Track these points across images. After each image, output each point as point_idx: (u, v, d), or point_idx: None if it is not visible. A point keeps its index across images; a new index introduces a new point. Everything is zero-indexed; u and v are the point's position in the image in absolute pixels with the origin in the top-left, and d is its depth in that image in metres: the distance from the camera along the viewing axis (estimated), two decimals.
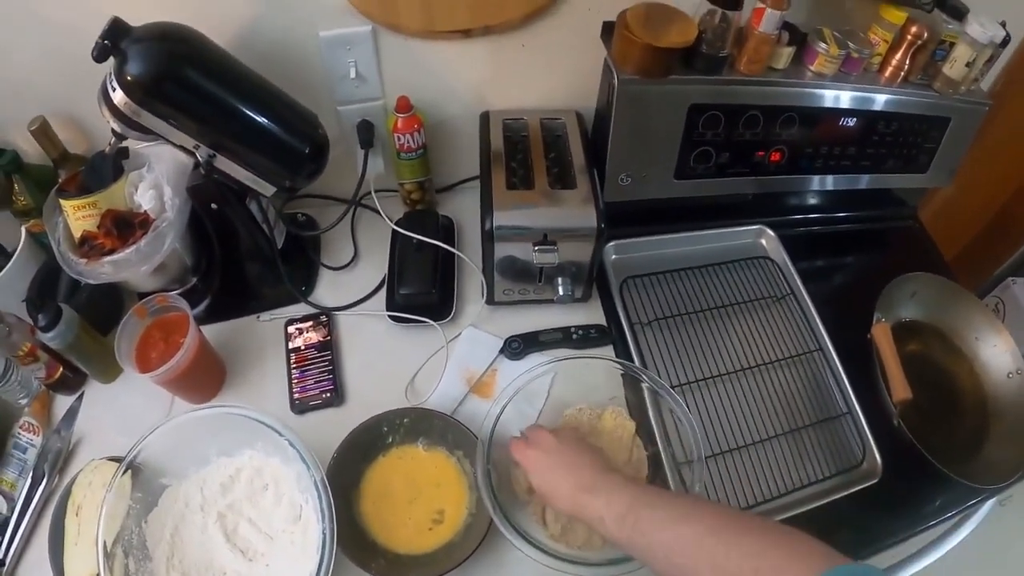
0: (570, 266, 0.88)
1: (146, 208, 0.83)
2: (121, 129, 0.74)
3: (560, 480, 0.68)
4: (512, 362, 0.91)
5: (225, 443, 0.77)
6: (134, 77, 0.69)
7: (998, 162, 1.26)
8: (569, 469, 0.69)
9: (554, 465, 0.70)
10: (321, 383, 0.88)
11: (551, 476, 0.69)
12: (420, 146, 0.94)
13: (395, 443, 0.81)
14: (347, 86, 0.92)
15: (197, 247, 0.92)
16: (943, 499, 0.90)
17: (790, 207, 1.11)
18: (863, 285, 0.99)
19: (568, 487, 0.67)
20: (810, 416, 0.90)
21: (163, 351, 0.80)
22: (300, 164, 0.82)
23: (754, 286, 1.01)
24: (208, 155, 0.78)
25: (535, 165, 0.88)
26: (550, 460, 0.70)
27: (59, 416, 0.86)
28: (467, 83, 0.96)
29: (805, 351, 0.95)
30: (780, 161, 0.98)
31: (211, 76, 0.74)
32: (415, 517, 0.77)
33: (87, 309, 0.85)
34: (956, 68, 0.93)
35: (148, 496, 0.74)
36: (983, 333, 1.00)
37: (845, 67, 0.92)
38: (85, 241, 0.81)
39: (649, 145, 0.92)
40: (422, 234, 0.93)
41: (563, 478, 0.68)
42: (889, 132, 0.99)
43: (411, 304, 0.92)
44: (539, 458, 0.71)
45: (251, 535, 0.74)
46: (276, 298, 0.95)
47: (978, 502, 0.95)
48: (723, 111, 0.90)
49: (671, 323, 0.95)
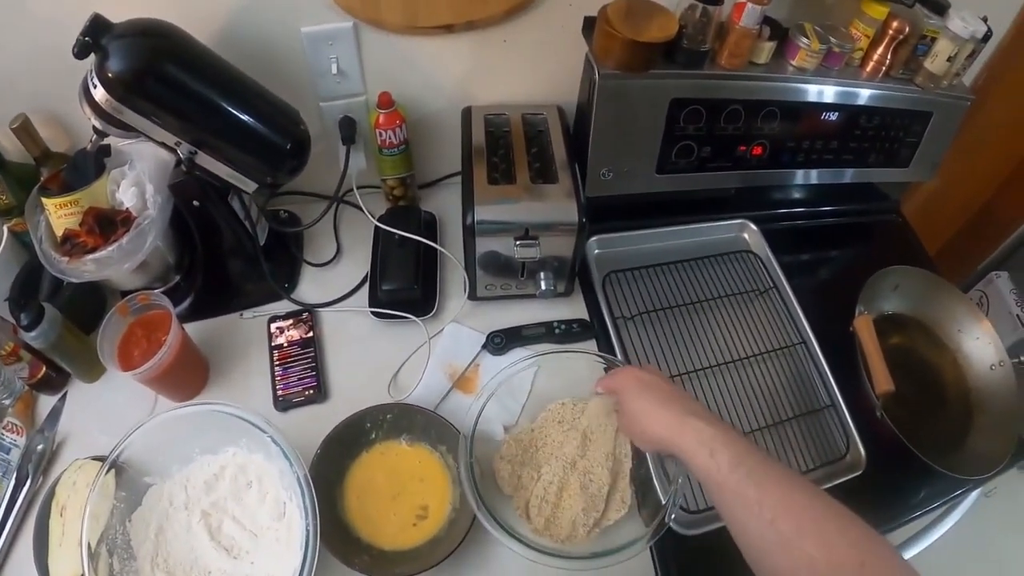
0: (552, 261, 0.89)
1: (128, 206, 0.83)
2: (102, 126, 0.74)
3: (663, 403, 0.64)
4: (495, 357, 0.91)
5: (208, 441, 0.76)
6: (115, 73, 0.68)
7: (981, 156, 1.27)
8: (672, 395, 0.65)
9: (656, 388, 0.66)
10: (304, 380, 0.87)
11: (652, 395, 0.65)
12: (402, 142, 0.94)
13: (378, 439, 0.80)
14: (329, 82, 0.92)
15: (180, 245, 0.92)
16: (927, 490, 0.90)
17: (773, 201, 1.12)
18: (846, 278, 1.00)
19: (674, 410, 0.62)
20: (793, 409, 0.90)
21: (146, 349, 0.80)
22: (281, 160, 0.82)
23: (737, 280, 1.02)
24: (189, 152, 0.77)
25: (517, 160, 0.88)
26: (652, 381, 0.67)
27: (43, 416, 0.85)
28: (449, 78, 0.96)
29: (788, 344, 0.96)
30: (762, 155, 0.98)
31: (192, 72, 0.74)
32: (399, 512, 0.77)
33: (70, 308, 0.84)
34: (938, 63, 0.93)
35: (132, 495, 0.73)
36: (966, 325, 1.01)
37: (826, 62, 0.92)
38: (67, 239, 0.81)
39: (630, 140, 0.92)
40: (404, 230, 0.93)
41: (666, 401, 0.64)
42: (871, 126, 0.99)
43: (393, 300, 0.92)
44: (639, 377, 0.67)
45: (236, 533, 0.74)
46: (259, 295, 0.95)
47: (962, 493, 0.96)
48: (704, 105, 0.90)
49: (654, 317, 0.95)
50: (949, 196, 1.33)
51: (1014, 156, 1.25)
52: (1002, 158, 1.27)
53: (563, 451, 0.78)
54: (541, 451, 0.80)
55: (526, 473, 0.78)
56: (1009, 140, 1.24)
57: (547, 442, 0.80)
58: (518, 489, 0.77)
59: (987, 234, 1.31)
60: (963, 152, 1.12)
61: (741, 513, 0.54)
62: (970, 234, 1.38)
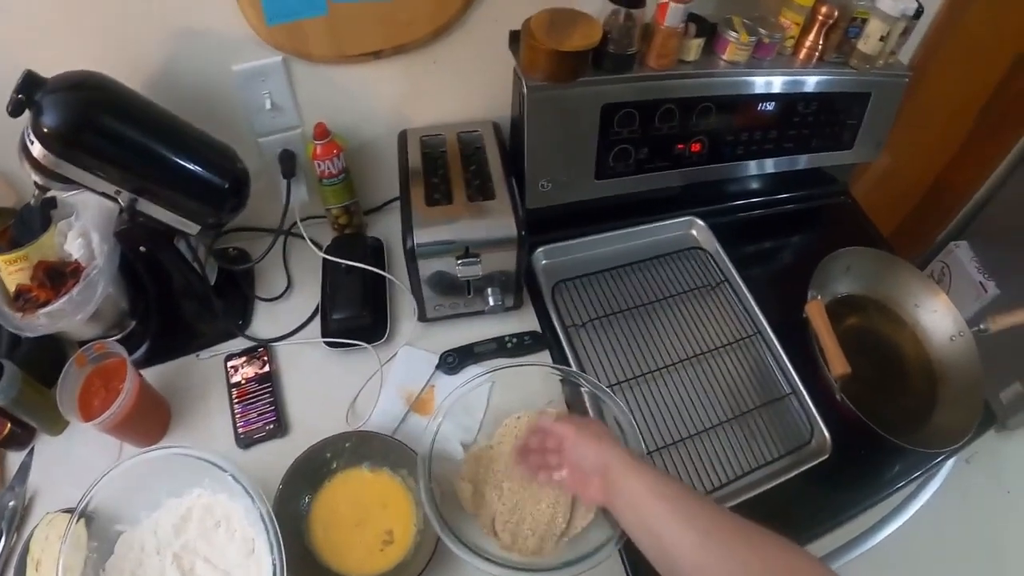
0: (498, 276, 0.89)
1: (76, 256, 0.83)
2: (43, 181, 0.74)
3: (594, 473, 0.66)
4: (449, 376, 0.91)
5: (174, 484, 0.76)
6: (50, 129, 0.68)
7: (929, 130, 1.28)
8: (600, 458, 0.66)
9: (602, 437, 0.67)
10: (264, 415, 0.88)
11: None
12: (341, 171, 0.94)
13: (339, 468, 0.81)
14: (264, 117, 0.92)
15: (132, 291, 0.92)
16: (899, 467, 0.91)
17: (720, 195, 1.12)
18: (798, 265, 1.01)
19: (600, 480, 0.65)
20: (755, 400, 0.91)
21: (104, 398, 0.80)
22: (221, 200, 0.82)
23: (687, 277, 1.02)
24: (130, 199, 0.77)
25: (454, 179, 0.89)
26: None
27: (12, 473, 0.85)
28: (383, 103, 0.97)
29: (744, 336, 0.96)
30: (701, 151, 0.99)
31: (126, 122, 0.74)
32: (364, 539, 0.77)
33: (29, 363, 0.84)
34: (871, 43, 0.94)
35: (104, 544, 0.73)
36: (922, 299, 1.01)
37: (758, 53, 0.93)
38: (20, 295, 0.81)
39: (566, 149, 0.92)
40: (350, 258, 0.93)
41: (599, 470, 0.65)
42: (809, 112, 1.00)
43: (345, 328, 0.92)
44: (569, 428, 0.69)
45: (208, 573, 0.74)
46: (214, 335, 0.95)
47: (933, 467, 0.97)
48: (637, 108, 0.91)
49: (606, 322, 0.96)
50: (901, 173, 1.34)
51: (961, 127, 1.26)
52: (950, 130, 1.28)
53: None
54: (501, 467, 0.80)
55: (488, 491, 0.79)
56: (954, 112, 1.25)
57: (506, 457, 0.80)
58: (482, 507, 0.78)
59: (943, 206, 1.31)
60: (910, 128, 1.13)
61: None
62: (927, 208, 1.39)
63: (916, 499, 1.03)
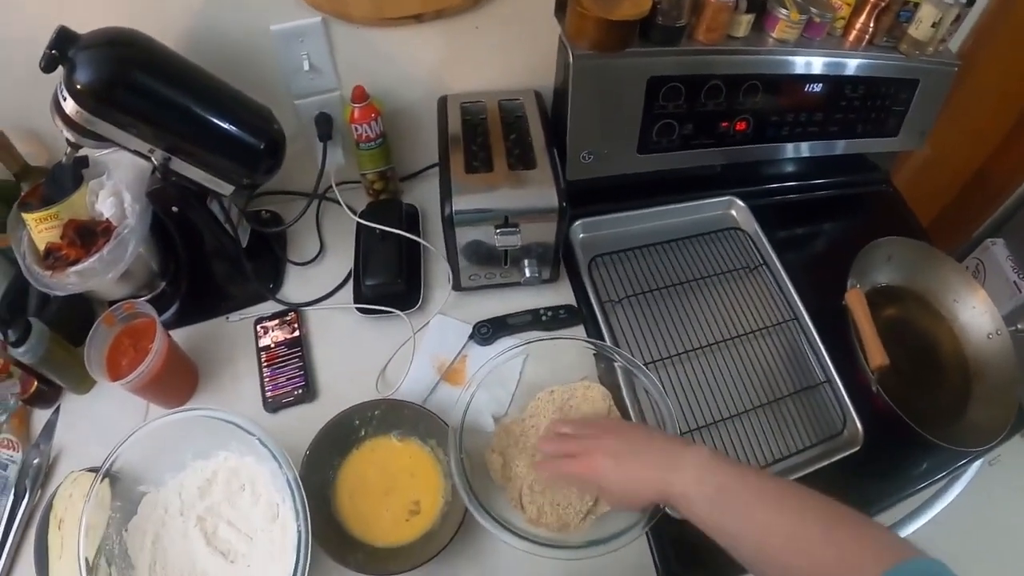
0: (535, 247, 0.88)
1: (107, 216, 0.82)
2: (75, 138, 0.73)
3: (640, 467, 0.63)
4: (482, 347, 0.90)
5: (200, 446, 0.76)
6: (83, 85, 0.68)
7: (972, 123, 1.25)
8: (645, 457, 0.63)
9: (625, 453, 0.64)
10: (293, 380, 0.87)
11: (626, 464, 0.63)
12: (379, 135, 0.93)
13: (368, 436, 0.80)
14: (302, 79, 0.91)
15: (163, 251, 0.91)
16: (928, 463, 0.89)
17: (760, 176, 1.10)
18: (837, 252, 0.99)
19: (652, 475, 0.61)
20: (788, 386, 0.89)
21: (133, 358, 0.80)
22: (256, 161, 0.81)
23: (726, 258, 1.00)
24: (163, 159, 0.77)
25: (494, 147, 0.87)
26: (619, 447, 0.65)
27: (38, 430, 0.85)
28: (423, 68, 0.95)
29: (780, 321, 0.95)
30: (746, 130, 0.97)
31: (161, 79, 0.73)
32: (391, 509, 0.76)
33: (58, 321, 0.84)
34: (922, 29, 0.91)
35: (127, 504, 0.73)
36: (961, 295, 0.99)
37: (807, 32, 0.91)
38: (49, 253, 0.80)
39: (610, 121, 0.91)
40: (385, 224, 0.92)
41: (641, 461, 0.63)
42: (856, 96, 0.98)
43: (378, 295, 0.91)
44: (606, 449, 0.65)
45: (231, 537, 0.74)
46: (244, 297, 0.95)
47: (963, 464, 0.95)
48: (683, 82, 0.89)
49: (642, 299, 0.94)
50: (941, 164, 1.31)
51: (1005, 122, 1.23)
52: (993, 124, 1.25)
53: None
54: (532, 440, 0.79)
55: (517, 464, 0.77)
56: (999, 105, 1.22)
57: (538, 431, 0.79)
58: (511, 480, 0.77)
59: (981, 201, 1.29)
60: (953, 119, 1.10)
61: (733, 545, 0.57)
62: (964, 202, 1.36)
63: (942, 498, 1.02)
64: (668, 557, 0.76)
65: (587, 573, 0.73)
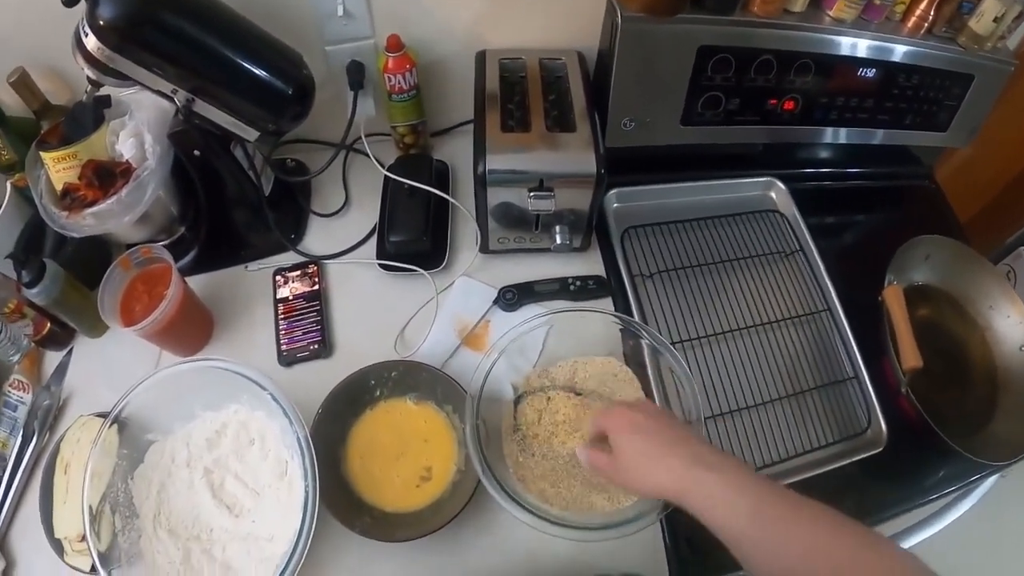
0: (568, 214, 0.85)
1: (127, 157, 0.81)
2: (96, 76, 0.71)
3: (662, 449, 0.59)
4: (506, 313, 0.88)
5: (210, 397, 0.75)
6: (106, 21, 0.65)
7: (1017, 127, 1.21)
8: (673, 438, 0.59)
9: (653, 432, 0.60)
10: (309, 334, 0.85)
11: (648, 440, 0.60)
12: (412, 87, 0.90)
13: (383, 396, 0.78)
14: (335, 24, 0.88)
15: (183, 196, 0.89)
16: (946, 472, 0.87)
17: (802, 160, 1.07)
18: (874, 245, 0.96)
19: (677, 458, 0.57)
20: (815, 379, 0.87)
21: (147, 304, 0.78)
22: (283, 106, 0.79)
23: (761, 241, 0.98)
24: (186, 100, 0.74)
25: (532, 107, 0.84)
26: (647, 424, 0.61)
27: (49, 373, 0.85)
28: (462, 20, 0.92)
29: (812, 311, 0.92)
30: (793, 110, 0.94)
31: (187, 16, 0.70)
32: (402, 474, 0.75)
33: (74, 263, 0.83)
34: (983, 23, 0.88)
35: (134, 452, 0.72)
36: (998, 302, 0.96)
37: (866, 14, 0.88)
38: (67, 194, 0.79)
39: (654, 88, 0.88)
40: (414, 179, 0.90)
41: (666, 447, 0.59)
42: (909, 86, 0.94)
43: (402, 252, 0.89)
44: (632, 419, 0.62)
45: (237, 491, 0.73)
46: (265, 247, 0.93)
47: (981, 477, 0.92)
48: (734, 55, 0.86)
49: (674, 276, 0.92)
50: (983, 165, 1.27)
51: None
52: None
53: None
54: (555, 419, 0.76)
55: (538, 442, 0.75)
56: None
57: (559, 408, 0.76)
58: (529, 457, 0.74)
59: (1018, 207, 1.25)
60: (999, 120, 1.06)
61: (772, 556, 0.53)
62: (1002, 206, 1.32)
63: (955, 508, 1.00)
64: (680, 544, 0.74)
65: (597, 553, 0.72)
